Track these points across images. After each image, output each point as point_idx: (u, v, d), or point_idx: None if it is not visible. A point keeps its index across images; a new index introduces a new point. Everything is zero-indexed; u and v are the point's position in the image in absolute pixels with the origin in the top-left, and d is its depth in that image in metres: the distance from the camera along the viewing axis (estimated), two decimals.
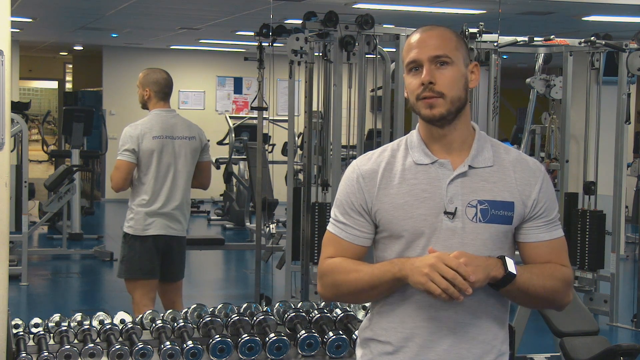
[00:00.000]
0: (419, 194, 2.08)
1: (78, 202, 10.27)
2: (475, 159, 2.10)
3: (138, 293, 4.79)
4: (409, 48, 2.09)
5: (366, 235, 2.15)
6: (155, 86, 4.85)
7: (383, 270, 2.05)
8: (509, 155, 2.13)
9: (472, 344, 2.09)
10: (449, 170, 2.09)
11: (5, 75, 2.69)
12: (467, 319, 2.08)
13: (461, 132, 2.12)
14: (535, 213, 2.09)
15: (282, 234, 7.48)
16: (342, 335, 3.02)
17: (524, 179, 2.10)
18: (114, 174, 4.76)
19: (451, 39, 2.08)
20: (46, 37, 14.40)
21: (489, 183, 2.09)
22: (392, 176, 2.11)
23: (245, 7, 8.94)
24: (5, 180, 2.73)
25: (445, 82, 2.05)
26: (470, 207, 2.06)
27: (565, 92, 7.36)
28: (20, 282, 7.87)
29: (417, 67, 2.07)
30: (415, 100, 2.08)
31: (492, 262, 2.00)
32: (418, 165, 2.11)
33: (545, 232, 2.11)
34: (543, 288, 2.06)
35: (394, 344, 2.12)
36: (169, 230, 4.81)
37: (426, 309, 2.08)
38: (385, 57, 6.91)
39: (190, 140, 4.88)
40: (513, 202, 2.08)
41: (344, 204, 2.16)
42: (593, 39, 6.93)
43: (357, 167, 2.16)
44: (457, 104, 2.08)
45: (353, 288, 2.10)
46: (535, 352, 4.60)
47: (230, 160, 11.55)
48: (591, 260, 6.98)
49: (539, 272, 2.07)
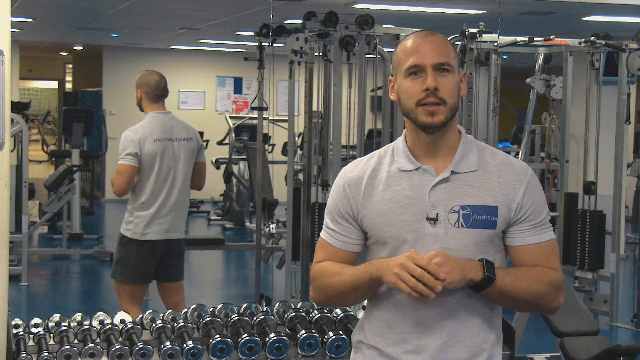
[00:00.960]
0: (402, 201, 2.09)
1: (78, 202, 10.27)
2: (458, 164, 2.10)
3: (127, 296, 4.79)
4: (408, 52, 2.08)
5: (354, 242, 2.17)
6: (145, 88, 4.86)
7: (362, 272, 2.08)
8: (495, 159, 2.13)
9: (459, 347, 2.09)
10: (432, 176, 2.09)
11: (5, 75, 2.69)
12: (454, 323, 2.08)
13: (448, 138, 2.12)
14: (521, 217, 2.09)
15: (282, 234, 7.48)
16: (342, 335, 3.02)
17: (508, 183, 2.09)
18: (116, 179, 4.74)
19: (451, 48, 2.10)
20: (46, 37, 14.40)
21: (472, 188, 2.08)
22: (376, 183, 2.13)
23: (245, 7, 8.94)
24: (5, 180, 2.72)
25: (447, 89, 2.06)
26: (452, 212, 2.06)
27: (565, 92, 7.35)
28: (20, 282, 7.88)
29: (418, 72, 2.06)
30: (415, 106, 2.07)
31: (471, 264, 2.01)
32: (402, 172, 2.11)
33: (532, 235, 2.10)
34: (527, 291, 2.06)
35: (382, 348, 2.14)
36: (167, 234, 4.83)
37: (412, 313, 2.09)
38: (385, 57, 6.91)
39: (188, 141, 4.90)
40: (496, 207, 2.07)
41: (333, 211, 2.19)
42: (593, 39, 6.93)
43: (344, 175, 2.19)
44: (454, 111, 2.09)
45: (337, 290, 2.14)
46: (535, 352, 4.59)
47: (230, 160, 11.54)
48: (591, 260, 6.98)
49: (524, 276, 2.06)
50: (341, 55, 6.22)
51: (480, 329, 2.11)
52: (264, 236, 7.46)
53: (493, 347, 2.14)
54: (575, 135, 7.89)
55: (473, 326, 2.10)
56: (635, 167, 10.35)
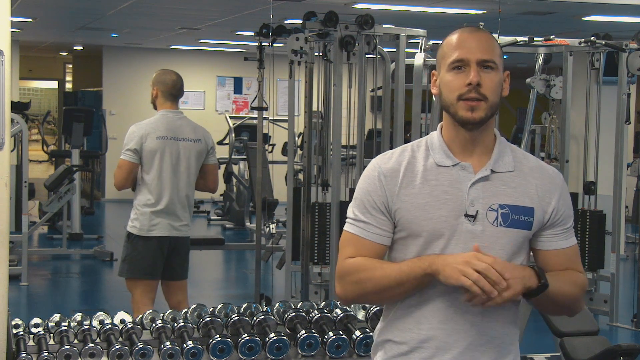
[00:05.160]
0: (440, 195, 2.07)
1: (78, 202, 10.27)
2: (496, 163, 2.10)
3: (138, 292, 4.81)
4: (453, 47, 2.07)
5: (387, 234, 2.12)
6: (162, 86, 4.90)
7: (411, 267, 2.03)
8: (528, 162, 2.14)
9: (488, 346, 2.09)
10: (470, 173, 2.08)
11: (5, 75, 2.69)
12: (484, 322, 2.08)
13: (485, 137, 2.12)
14: (555, 221, 2.10)
15: (282, 234, 7.47)
16: (342, 335, 3.02)
17: (544, 186, 2.10)
18: (116, 172, 4.82)
19: (496, 46, 2.09)
20: (46, 37, 14.40)
21: (509, 188, 2.08)
22: (413, 176, 2.10)
23: (245, 7, 8.94)
24: (5, 180, 2.73)
25: (490, 86, 2.05)
26: (491, 210, 2.06)
27: (565, 92, 7.35)
28: (20, 282, 7.87)
29: (461, 67, 2.05)
30: (456, 100, 2.05)
31: (528, 273, 2.01)
32: (440, 167, 2.10)
33: (563, 239, 2.12)
34: (568, 296, 2.09)
35: (409, 344, 2.11)
36: (172, 231, 4.84)
37: (442, 311, 2.07)
38: (385, 57, 6.91)
39: (195, 142, 4.90)
40: (533, 208, 2.08)
41: (365, 202, 2.12)
42: (593, 39, 6.93)
43: (378, 166, 2.14)
44: (494, 109, 2.08)
45: (379, 285, 2.07)
46: (535, 352, 4.59)
47: (230, 160, 11.54)
48: (591, 260, 6.98)
49: (565, 280, 2.09)
50: (341, 55, 6.22)
51: (509, 328, 2.12)
52: (264, 236, 7.46)
53: (517, 345, 2.16)
54: (575, 135, 7.89)
55: (502, 326, 2.10)
56: (635, 167, 10.34)
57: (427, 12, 8.66)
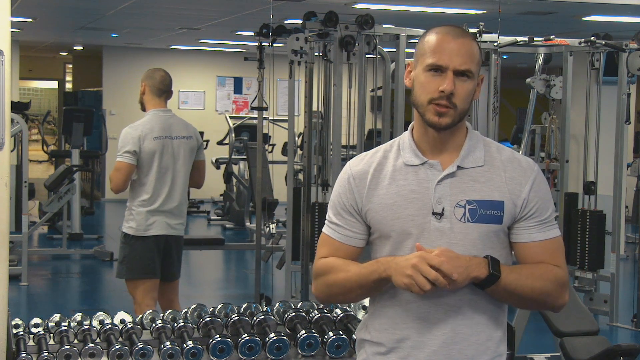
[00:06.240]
0: (408, 195, 2.09)
1: (78, 202, 10.27)
2: (465, 159, 2.10)
3: (140, 293, 4.80)
4: (432, 49, 2.05)
5: (358, 236, 2.16)
6: (150, 81, 4.91)
7: (370, 270, 2.07)
8: (501, 155, 2.13)
9: (464, 344, 2.09)
10: (438, 171, 2.09)
11: (5, 75, 2.69)
12: (459, 320, 2.08)
13: (455, 136, 2.12)
14: (527, 213, 2.09)
15: (282, 234, 7.48)
16: (342, 335, 3.02)
17: (514, 179, 2.09)
18: (113, 175, 4.77)
19: (477, 54, 2.08)
20: (46, 37, 14.40)
21: (478, 183, 2.08)
22: (382, 177, 2.12)
23: (245, 7, 8.94)
24: (5, 180, 2.72)
25: (462, 95, 2.05)
26: (458, 207, 2.06)
27: (565, 92, 7.35)
28: (20, 282, 7.87)
29: (438, 71, 2.05)
30: (427, 103, 2.06)
31: (475, 262, 2.00)
32: (408, 166, 2.11)
33: (537, 232, 2.09)
34: (532, 289, 2.05)
35: (386, 344, 2.13)
36: (169, 230, 4.85)
37: (416, 310, 2.08)
38: (385, 57, 6.91)
39: (187, 139, 4.92)
40: (503, 202, 2.07)
41: (337, 205, 2.18)
42: (593, 39, 6.92)
43: (349, 168, 2.18)
44: (463, 115, 2.09)
45: (342, 287, 2.13)
46: (535, 352, 4.59)
47: (230, 160, 11.54)
48: (591, 260, 6.97)
49: (529, 273, 2.06)
50: (341, 55, 6.22)
51: (486, 326, 2.10)
52: (264, 236, 7.46)
53: (498, 345, 2.13)
54: (575, 135, 7.89)
55: (478, 323, 2.09)
56: (635, 167, 10.34)
57: (427, 12, 8.66)
